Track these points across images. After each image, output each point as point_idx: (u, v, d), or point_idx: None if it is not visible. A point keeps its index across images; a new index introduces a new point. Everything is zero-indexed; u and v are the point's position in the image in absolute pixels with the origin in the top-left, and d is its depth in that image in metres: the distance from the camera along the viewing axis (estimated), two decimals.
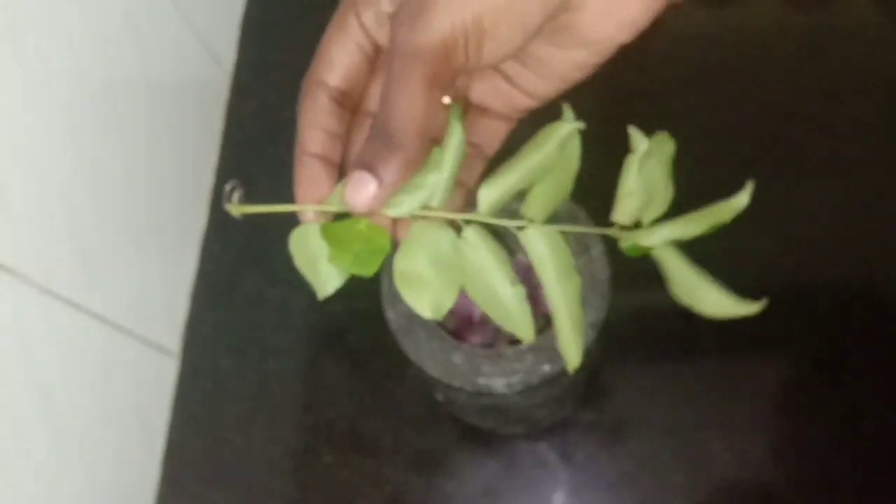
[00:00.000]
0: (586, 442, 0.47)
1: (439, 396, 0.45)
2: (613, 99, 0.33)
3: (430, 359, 0.38)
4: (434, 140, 0.27)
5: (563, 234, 0.31)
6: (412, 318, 0.39)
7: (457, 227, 0.29)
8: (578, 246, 0.40)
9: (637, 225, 0.32)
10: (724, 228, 0.37)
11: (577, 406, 0.48)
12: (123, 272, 0.47)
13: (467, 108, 0.31)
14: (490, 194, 0.29)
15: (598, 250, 0.40)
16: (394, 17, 0.26)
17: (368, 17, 0.28)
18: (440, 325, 0.40)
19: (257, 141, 0.60)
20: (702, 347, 0.49)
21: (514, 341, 0.44)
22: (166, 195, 0.53)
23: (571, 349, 0.31)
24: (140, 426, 0.50)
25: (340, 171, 0.30)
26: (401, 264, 0.29)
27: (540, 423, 0.47)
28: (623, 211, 0.32)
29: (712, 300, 0.33)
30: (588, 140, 0.34)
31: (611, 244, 0.40)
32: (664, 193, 0.32)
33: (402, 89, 0.25)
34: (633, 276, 0.49)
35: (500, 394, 0.38)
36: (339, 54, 0.28)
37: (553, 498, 0.47)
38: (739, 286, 0.50)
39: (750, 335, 0.49)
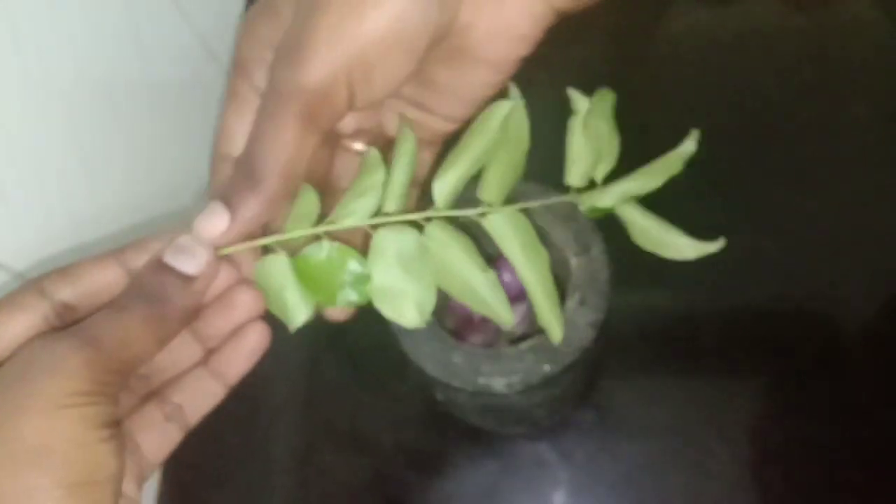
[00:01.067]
0: (586, 442, 0.47)
1: (439, 396, 0.45)
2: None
3: (430, 359, 0.38)
4: (312, 179, 0.26)
5: (524, 210, 0.31)
6: None
7: (419, 227, 0.29)
8: (578, 246, 0.40)
9: (592, 185, 0.32)
10: (725, 228, 0.37)
11: (577, 406, 0.48)
12: None
13: (387, 145, 0.30)
14: (444, 187, 0.29)
15: (598, 250, 0.40)
16: (276, 53, 0.25)
17: (258, 75, 0.26)
18: (440, 325, 0.40)
19: None
20: (702, 347, 0.49)
21: (514, 341, 0.44)
22: (166, 195, 0.53)
23: (551, 322, 0.31)
24: None
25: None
26: (374, 280, 0.29)
27: (540, 423, 0.47)
28: (575, 173, 0.32)
29: (675, 245, 0.34)
30: None
31: (611, 244, 0.40)
32: (611, 147, 0.33)
33: (271, 128, 0.24)
34: (632, 276, 0.49)
35: (500, 394, 0.38)
36: (236, 124, 0.27)
37: (553, 498, 0.47)
38: (740, 286, 0.50)
39: (750, 335, 0.49)
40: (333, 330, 0.54)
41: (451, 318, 0.46)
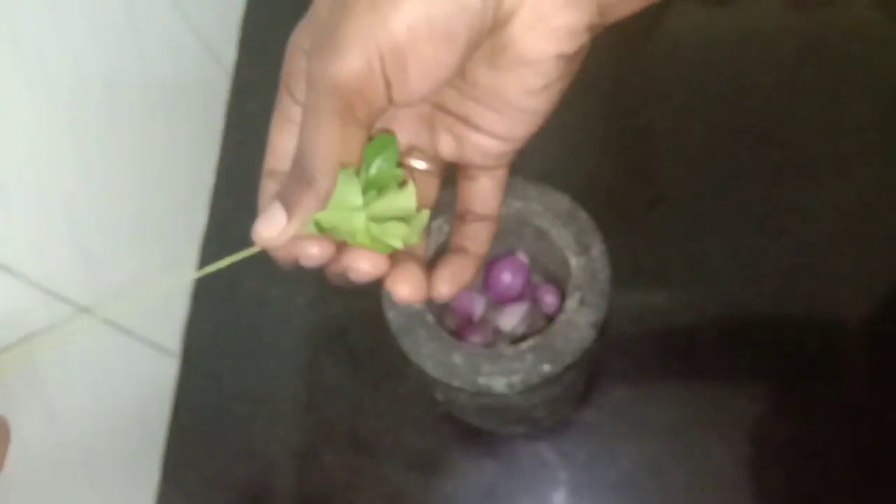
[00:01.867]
0: (586, 442, 0.47)
1: (439, 396, 0.45)
2: (613, 99, 0.33)
3: (430, 359, 0.38)
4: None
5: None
6: (412, 317, 0.39)
7: None
8: (578, 246, 0.40)
9: None
10: (725, 228, 0.37)
11: (577, 406, 0.48)
12: (123, 272, 0.47)
13: (447, 171, 0.30)
14: None
15: (598, 250, 0.40)
16: (310, 49, 0.25)
17: (301, 92, 0.26)
18: (440, 324, 0.40)
19: (257, 141, 0.60)
20: (702, 347, 0.49)
21: (514, 341, 0.44)
22: (166, 195, 0.53)
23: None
24: (140, 426, 0.50)
25: None
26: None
27: (540, 423, 0.47)
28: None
29: None
30: (588, 140, 0.34)
31: (611, 244, 0.40)
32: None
33: (314, 126, 0.24)
34: (633, 276, 0.49)
35: (500, 394, 0.38)
36: (281, 141, 0.27)
37: (553, 498, 0.47)
38: (740, 286, 0.50)
39: (750, 335, 0.49)
40: (333, 330, 0.54)
41: (451, 318, 0.46)
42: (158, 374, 0.52)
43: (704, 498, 0.46)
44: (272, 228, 0.26)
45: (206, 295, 0.55)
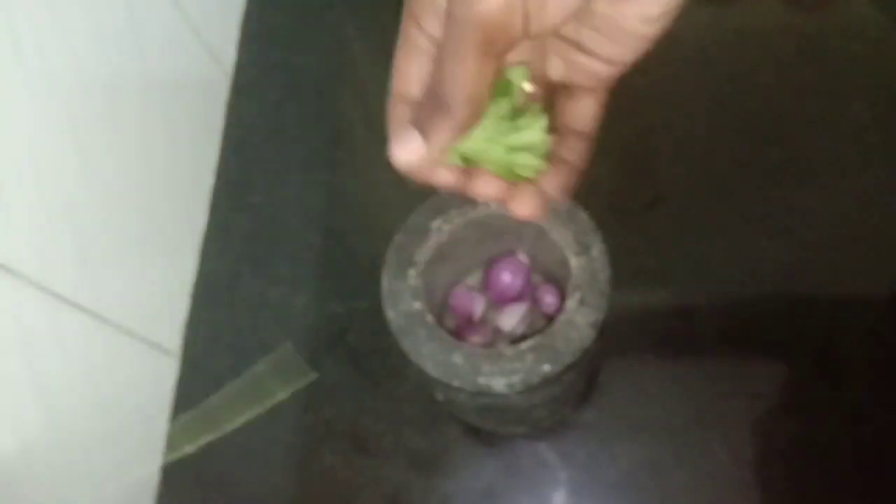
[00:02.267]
0: (586, 442, 0.47)
1: (439, 396, 0.45)
2: (613, 99, 0.32)
3: (430, 359, 0.38)
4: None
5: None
6: (412, 318, 0.39)
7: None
8: (578, 246, 0.40)
9: None
10: (725, 228, 0.37)
11: (577, 406, 0.48)
12: (123, 272, 0.47)
13: (552, 91, 0.31)
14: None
15: (598, 250, 0.40)
16: None
17: (428, 22, 0.28)
18: (440, 324, 0.40)
19: (257, 141, 0.60)
20: (702, 347, 0.49)
21: (514, 341, 0.44)
22: (166, 195, 0.53)
23: None
24: (140, 426, 0.50)
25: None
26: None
27: (540, 423, 0.47)
28: None
29: None
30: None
31: (611, 244, 0.40)
32: None
33: (454, 56, 0.25)
34: (633, 276, 0.49)
35: (500, 394, 0.38)
36: (409, 66, 0.28)
37: (553, 498, 0.47)
38: (740, 286, 0.50)
39: (750, 335, 0.49)
40: (333, 330, 0.54)
41: (451, 318, 0.46)
42: (158, 374, 0.52)
43: (704, 498, 0.46)
44: (410, 152, 0.27)
45: (206, 295, 0.55)
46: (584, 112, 0.31)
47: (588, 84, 0.31)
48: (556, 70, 0.31)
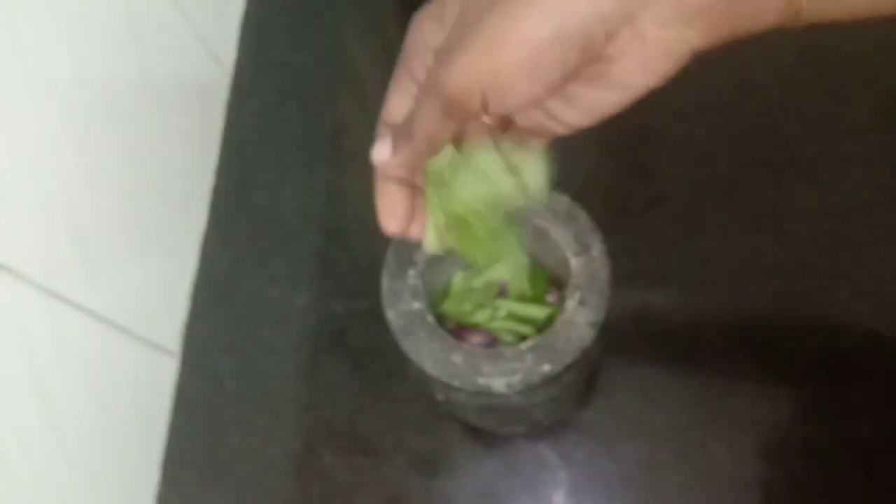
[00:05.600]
0: (586, 442, 0.47)
1: (439, 396, 0.45)
2: None
3: (430, 359, 0.38)
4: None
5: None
6: (412, 318, 0.39)
7: None
8: (578, 246, 0.40)
9: None
10: (725, 228, 0.37)
11: (577, 406, 0.48)
12: (123, 272, 0.47)
13: (508, 126, 0.34)
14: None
15: (598, 250, 0.40)
16: (437, 50, 0.30)
17: (417, 70, 0.32)
18: (440, 325, 0.40)
19: (257, 141, 0.60)
20: (702, 347, 0.49)
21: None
22: (166, 195, 0.53)
23: None
24: (140, 426, 0.50)
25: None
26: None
27: (540, 423, 0.47)
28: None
29: None
30: (588, 140, 0.34)
31: (611, 244, 0.40)
32: None
33: (424, 105, 0.30)
34: (633, 276, 0.49)
35: (500, 394, 0.38)
36: (397, 103, 0.33)
37: (553, 498, 0.47)
38: (740, 286, 0.50)
39: (750, 335, 0.49)
40: (333, 330, 0.54)
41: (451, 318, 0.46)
42: (158, 374, 0.52)
43: (704, 498, 0.46)
44: (380, 154, 0.33)
45: (206, 295, 0.55)
46: (532, 142, 0.35)
47: (541, 133, 0.33)
48: (519, 119, 0.34)
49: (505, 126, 0.34)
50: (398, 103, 0.33)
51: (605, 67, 0.29)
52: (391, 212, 0.35)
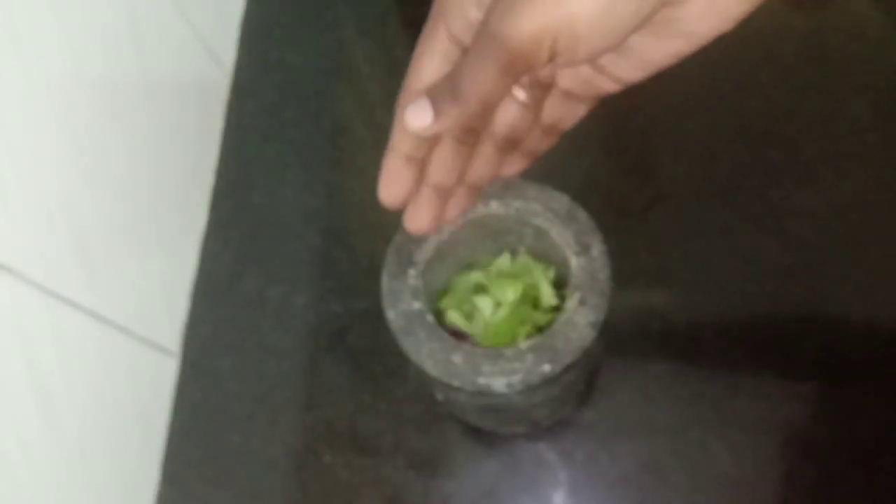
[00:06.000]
0: (586, 442, 0.47)
1: (439, 396, 0.45)
2: (613, 98, 0.32)
3: (430, 359, 0.38)
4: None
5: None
6: (412, 318, 0.39)
7: None
8: (578, 246, 0.40)
9: None
10: (725, 228, 0.37)
11: (577, 406, 0.48)
12: (123, 271, 0.47)
13: (543, 89, 0.31)
14: None
15: (598, 250, 0.40)
16: (491, 4, 0.26)
17: (457, 26, 0.28)
18: (440, 325, 0.40)
19: (257, 141, 0.60)
20: (702, 347, 0.49)
21: None
22: (166, 195, 0.53)
23: None
24: (140, 426, 0.50)
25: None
26: None
27: (540, 423, 0.47)
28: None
29: None
30: (588, 140, 0.34)
31: (611, 244, 0.40)
32: None
33: (478, 62, 0.26)
34: (633, 276, 0.49)
35: (500, 394, 0.38)
36: (426, 63, 0.29)
37: (553, 498, 0.47)
38: (740, 286, 0.50)
39: (750, 335, 0.49)
40: (333, 330, 0.54)
41: None
42: (158, 373, 0.52)
43: (704, 498, 0.46)
44: (419, 119, 0.28)
45: (206, 295, 0.55)
46: (571, 115, 0.32)
47: (587, 94, 0.31)
48: (563, 80, 0.31)
49: (545, 89, 0.31)
50: (430, 67, 0.29)
51: (672, 12, 0.26)
52: (391, 189, 0.32)
